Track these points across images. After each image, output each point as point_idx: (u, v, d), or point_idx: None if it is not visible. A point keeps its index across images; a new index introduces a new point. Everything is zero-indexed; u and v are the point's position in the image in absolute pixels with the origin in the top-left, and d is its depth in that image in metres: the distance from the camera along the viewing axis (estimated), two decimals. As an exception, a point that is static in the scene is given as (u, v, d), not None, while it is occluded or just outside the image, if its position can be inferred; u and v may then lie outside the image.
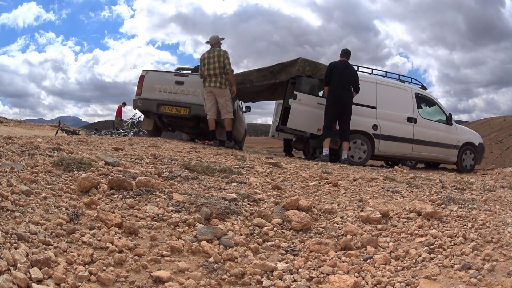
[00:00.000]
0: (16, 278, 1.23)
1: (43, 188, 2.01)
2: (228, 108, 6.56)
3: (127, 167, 2.77)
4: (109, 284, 1.40)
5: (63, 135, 9.92)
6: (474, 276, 1.54)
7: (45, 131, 17.79)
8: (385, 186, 3.34)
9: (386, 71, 7.52)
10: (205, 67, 6.49)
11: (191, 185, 2.65)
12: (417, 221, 2.24)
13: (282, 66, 6.94)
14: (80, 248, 1.57)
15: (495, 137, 23.35)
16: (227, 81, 6.52)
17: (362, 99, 6.86)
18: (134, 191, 2.25)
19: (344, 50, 6.53)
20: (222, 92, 6.48)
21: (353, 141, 6.72)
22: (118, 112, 16.68)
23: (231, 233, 1.92)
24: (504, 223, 2.09)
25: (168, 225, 1.93)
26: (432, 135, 7.26)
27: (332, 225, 2.22)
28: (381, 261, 1.81)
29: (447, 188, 3.45)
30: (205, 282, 1.52)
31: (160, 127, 7.63)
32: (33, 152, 2.69)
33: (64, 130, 15.04)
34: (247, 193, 2.55)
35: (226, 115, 6.55)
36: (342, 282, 1.58)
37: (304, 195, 2.79)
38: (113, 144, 4.29)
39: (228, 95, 6.55)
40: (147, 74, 7.10)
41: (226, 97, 6.52)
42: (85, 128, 28.66)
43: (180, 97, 6.89)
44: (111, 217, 1.84)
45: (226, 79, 6.50)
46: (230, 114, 6.60)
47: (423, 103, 7.56)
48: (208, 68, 6.47)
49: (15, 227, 1.53)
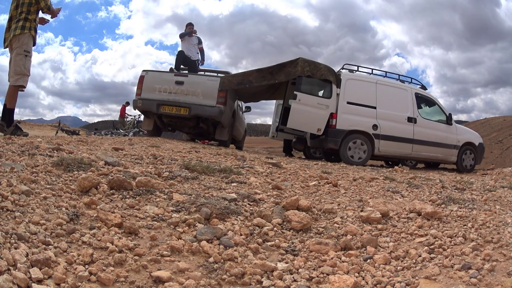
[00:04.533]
0: (16, 278, 1.23)
1: (43, 188, 2.00)
2: (17, 68, 4.20)
3: (127, 167, 2.77)
4: (109, 284, 1.40)
5: (63, 135, 9.92)
6: (474, 276, 1.54)
7: (45, 131, 17.78)
8: (385, 186, 3.34)
9: (386, 71, 7.53)
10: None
11: (191, 185, 2.65)
12: (417, 221, 2.24)
13: (282, 67, 6.94)
14: (80, 248, 1.57)
15: (495, 137, 23.35)
16: (29, 22, 4.28)
17: (362, 99, 6.86)
18: (134, 191, 2.25)
19: None
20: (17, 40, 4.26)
21: (353, 141, 6.72)
22: (122, 111, 16.68)
23: (231, 233, 1.92)
24: (504, 223, 2.09)
25: (168, 225, 1.93)
26: (432, 135, 7.26)
27: (332, 225, 2.22)
28: (381, 261, 1.80)
29: (447, 188, 3.45)
30: (205, 282, 1.52)
31: (160, 127, 7.63)
32: (33, 152, 2.69)
33: (64, 130, 15.04)
34: (247, 193, 2.55)
35: (12, 78, 4.25)
36: (342, 282, 1.58)
37: (304, 195, 2.79)
38: (113, 144, 4.29)
39: (25, 44, 4.24)
40: (147, 74, 7.10)
41: (19, 49, 4.23)
42: (85, 128, 28.66)
43: (180, 97, 6.89)
44: (111, 217, 1.84)
45: (28, 20, 4.26)
46: (19, 77, 4.21)
47: (423, 103, 7.56)
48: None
49: (15, 227, 1.53)
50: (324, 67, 6.84)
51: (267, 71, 6.99)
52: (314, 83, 7.09)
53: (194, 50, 7.89)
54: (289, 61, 6.96)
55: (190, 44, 7.84)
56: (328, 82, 6.84)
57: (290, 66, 6.89)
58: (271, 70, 6.97)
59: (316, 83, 7.07)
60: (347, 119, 6.74)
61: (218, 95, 6.81)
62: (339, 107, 6.74)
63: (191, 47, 7.84)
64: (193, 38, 7.91)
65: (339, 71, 7.17)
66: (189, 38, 7.85)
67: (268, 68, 7.01)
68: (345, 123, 6.71)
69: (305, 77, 6.83)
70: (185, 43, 7.82)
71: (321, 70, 6.82)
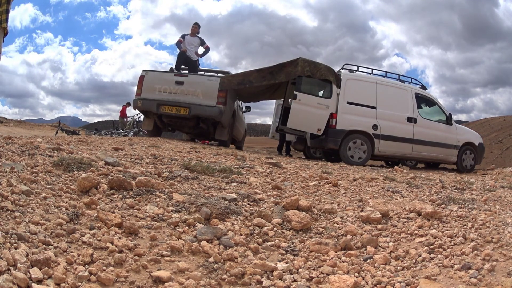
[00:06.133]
0: (16, 278, 1.23)
1: (43, 188, 2.00)
2: None
3: (127, 167, 2.77)
4: (109, 284, 1.40)
5: (63, 135, 9.92)
6: (474, 276, 1.54)
7: (45, 131, 17.79)
8: (385, 186, 3.34)
9: (386, 71, 7.52)
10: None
11: (191, 185, 2.65)
12: (417, 221, 2.24)
13: (282, 67, 6.93)
14: (80, 248, 1.57)
15: (495, 137, 23.35)
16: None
17: (362, 99, 6.85)
18: (134, 191, 2.25)
19: None
20: None
21: (353, 141, 6.71)
22: (122, 112, 16.68)
23: (231, 233, 1.92)
24: (504, 223, 2.09)
25: (168, 225, 1.93)
26: (432, 135, 7.25)
27: (332, 225, 2.22)
28: (381, 261, 1.80)
29: (447, 188, 3.45)
30: (205, 282, 1.52)
31: (160, 127, 7.63)
32: (33, 152, 2.69)
33: (64, 130, 15.04)
34: (247, 193, 2.55)
35: None
36: (342, 282, 1.58)
37: (304, 195, 2.79)
38: (113, 144, 4.29)
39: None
40: (147, 74, 7.10)
41: None
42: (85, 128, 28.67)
43: (180, 97, 6.89)
44: (111, 217, 1.84)
45: None
46: None
47: (423, 103, 7.55)
48: None
49: (15, 227, 1.53)
50: (324, 67, 6.84)
51: (267, 71, 6.98)
52: (314, 83, 7.09)
53: (194, 51, 7.87)
54: (289, 61, 6.96)
55: (191, 44, 7.82)
56: (328, 82, 6.83)
57: (290, 66, 6.88)
58: (271, 70, 6.97)
59: (316, 83, 7.07)
60: (347, 119, 6.73)
61: (218, 95, 6.81)
62: (339, 107, 6.74)
63: (192, 48, 7.82)
64: (195, 38, 7.88)
65: (339, 71, 7.17)
66: (191, 38, 7.83)
67: (268, 68, 7.01)
68: (345, 123, 6.71)
69: (305, 77, 6.82)
70: (186, 44, 7.80)
71: (321, 70, 6.81)
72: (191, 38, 7.83)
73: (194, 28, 7.88)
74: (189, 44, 7.79)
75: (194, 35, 7.87)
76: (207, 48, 8.05)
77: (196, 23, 8.05)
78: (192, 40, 7.84)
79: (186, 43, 7.77)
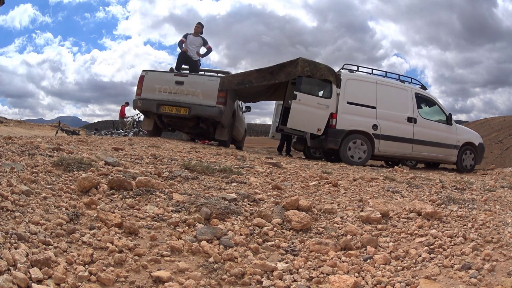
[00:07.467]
0: (16, 278, 1.23)
1: (43, 188, 2.00)
2: None
3: (127, 167, 2.77)
4: (109, 284, 1.40)
5: (63, 135, 9.92)
6: (474, 276, 1.54)
7: (45, 131, 17.78)
8: (385, 186, 3.34)
9: (386, 71, 7.52)
10: None
11: (191, 185, 2.65)
12: (417, 221, 2.24)
13: (282, 67, 6.93)
14: (80, 248, 1.57)
15: (495, 137, 23.35)
16: None
17: (362, 99, 6.85)
18: (134, 191, 2.25)
19: None
20: None
21: (353, 141, 6.71)
22: (121, 112, 16.67)
23: (231, 233, 1.92)
24: (504, 223, 2.09)
25: (168, 225, 1.93)
26: (432, 135, 7.25)
27: (332, 225, 2.22)
28: (381, 261, 1.80)
29: (447, 188, 3.45)
30: (205, 282, 1.52)
31: (160, 127, 7.63)
32: (33, 152, 2.69)
33: (64, 130, 15.04)
34: (247, 193, 2.55)
35: None
36: (342, 282, 1.58)
37: (304, 195, 2.79)
38: (113, 144, 4.29)
39: None
40: (147, 74, 7.09)
41: None
42: (85, 128, 28.66)
43: (180, 97, 6.88)
44: (111, 217, 1.84)
45: None
46: None
47: (423, 103, 7.55)
48: None
49: (15, 227, 1.53)
50: (324, 67, 6.84)
51: (267, 71, 6.98)
52: (314, 83, 7.09)
53: (196, 51, 7.85)
54: (289, 61, 6.95)
55: (193, 44, 7.81)
56: (328, 82, 6.83)
57: (290, 66, 6.88)
58: (271, 70, 6.97)
59: (316, 83, 7.07)
60: (347, 119, 6.73)
61: (218, 95, 6.81)
62: (339, 107, 6.74)
63: (193, 47, 7.81)
64: (198, 38, 7.86)
65: (339, 71, 7.17)
66: (193, 38, 7.81)
67: (268, 68, 7.01)
68: (345, 123, 6.71)
69: (305, 77, 6.82)
70: (187, 44, 7.78)
71: (321, 70, 6.81)
72: (193, 38, 7.82)
73: (197, 28, 7.87)
74: (191, 43, 7.78)
75: (197, 35, 7.85)
76: (209, 49, 8.02)
77: (199, 22, 8.02)
78: (195, 39, 7.83)
79: (188, 42, 7.75)
